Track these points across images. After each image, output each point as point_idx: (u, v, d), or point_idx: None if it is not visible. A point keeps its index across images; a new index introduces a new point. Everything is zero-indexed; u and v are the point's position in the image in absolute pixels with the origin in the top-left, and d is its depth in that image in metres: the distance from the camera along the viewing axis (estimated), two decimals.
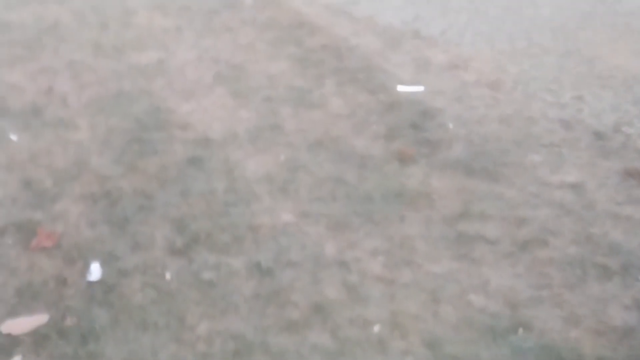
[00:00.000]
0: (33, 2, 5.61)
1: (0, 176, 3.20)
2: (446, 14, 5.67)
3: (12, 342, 2.27)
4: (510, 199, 3.16)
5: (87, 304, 2.45)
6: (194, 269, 2.65)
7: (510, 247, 2.84)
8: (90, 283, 2.55)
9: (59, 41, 4.87)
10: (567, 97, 4.17)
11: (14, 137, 3.54)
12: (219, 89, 4.23)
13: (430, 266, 2.72)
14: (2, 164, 3.30)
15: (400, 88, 4.26)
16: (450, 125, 3.82)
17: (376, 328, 2.40)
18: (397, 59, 4.72)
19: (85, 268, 2.63)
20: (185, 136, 3.64)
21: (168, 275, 2.61)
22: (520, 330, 2.40)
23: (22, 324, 2.33)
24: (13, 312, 2.40)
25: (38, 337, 2.30)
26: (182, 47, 4.87)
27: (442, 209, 3.09)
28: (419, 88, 4.28)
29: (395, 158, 3.47)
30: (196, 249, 2.76)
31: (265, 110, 3.94)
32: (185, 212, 3.00)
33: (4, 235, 2.79)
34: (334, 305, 2.48)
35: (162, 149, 3.51)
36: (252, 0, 5.90)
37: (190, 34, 5.12)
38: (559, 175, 3.36)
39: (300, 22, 5.36)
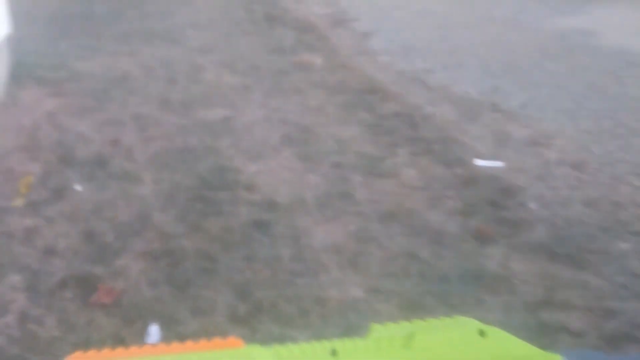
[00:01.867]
0: (104, 53, 5.91)
1: (63, 227, 3.30)
2: (526, 87, 5.70)
3: None
4: (597, 289, 3.08)
5: None
6: (256, 340, 2.64)
7: (596, 340, 2.75)
8: None
9: (127, 93, 5.09)
10: None
11: (78, 188, 3.67)
12: (287, 150, 4.31)
13: None
14: (65, 214, 3.41)
15: (479, 162, 4.26)
16: (532, 206, 3.78)
17: None
18: (474, 131, 4.74)
19: (144, 329, 2.66)
20: (250, 198, 3.71)
21: None
22: None
23: None
24: None
25: None
26: (250, 106, 5.02)
27: (523, 294, 3.03)
28: (498, 163, 4.27)
29: (472, 236, 3.44)
30: (259, 319, 2.77)
31: (334, 176, 3.99)
32: (249, 278, 3.02)
33: (64, 288, 2.86)
34: None
35: (226, 210, 3.57)
36: (323, 62, 6.07)
37: (258, 93, 5.28)
38: None
39: (372, 87, 5.47)
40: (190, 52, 6.18)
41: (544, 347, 2.27)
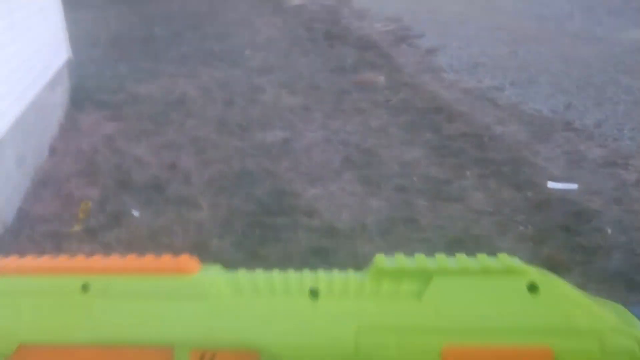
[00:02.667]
0: (162, 76, 6.07)
1: (120, 253, 3.37)
2: (601, 104, 5.55)
3: None
4: None
5: None
6: None
7: None
8: None
9: (184, 116, 5.19)
10: None
11: (136, 213, 3.75)
12: (348, 174, 4.31)
13: None
14: (123, 240, 3.49)
15: (551, 185, 4.16)
16: (609, 231, 3.66)
17: None
18: (546, 152, 4.64)
19: None
20: (310, 223, 3.71)
21: None
22: None
23: None
24: None
25: None
26: (309, 127, 5.05)
27: None
28: (572, 186, 4.16)
29: (545, 264, 3.33)
30: None
31: (397, 201, 3.96)
32: None
33: None
34: None
35: (285, 236, 3.58)
36: (386, 81, 6.07)
37: (318, 114, 5.31)
38: None
39: (437, 107, 5.43)
40: (248, 73, 6.27)
41: None
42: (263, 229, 3.64)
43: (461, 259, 0.59)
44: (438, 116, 5.21)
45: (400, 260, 0.61)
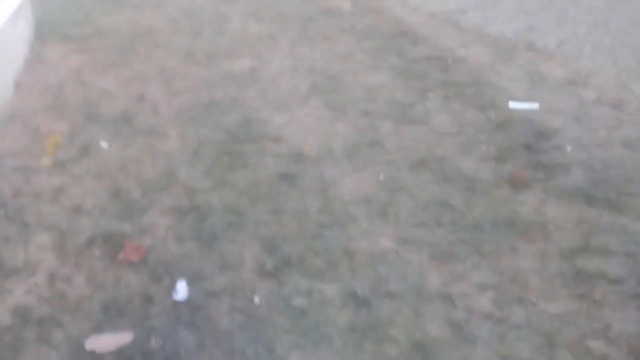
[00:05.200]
0: (128, 7, 5.84)
1: (90, 185, 3.29)
2: (563, 24, 5.46)
3: None
4: (636, 234, 2.97)
5: (172, 325, 2.46)
6: (284, 294, 2.62)
7: (635, 287, 2.66)
8: (177, 302, 2.57)
9: (151, 47, 5.02)
10: None
11: (104, 145, 3.65)
12: (315, 100, 4.22)
13: (546, 305, 2.58)
14: (92, 172, 3.40)
15: (513, 105, 4.11)
16: (568, 148, 3.65)
17: None
18: (509, 73, 4.58)
19: (172, 286, 2.65)
20: (277, 150, 3.64)
21: (257, 299, 2.59)
22: None
23: (106, 342, 2.37)
24: (98, 328, 2.44)
25: (122, 357, 2.32)
26: (276, 55, 4.92)
27: (559, 241, 2.94)
28: (534, 105, 4.12)
29: (506, 182, 3.34)
30: (287, 273, 2.74)
31: (363, 125, 3.90)
32: (276, 232, 2.98)
33: (91, 247, 2.86)
34: (437, 343, 2.39)
35: (253, 163, 3.52)
36: (351, 7, 5.90)
37: (285, 41, 5.16)
38: None
39: (402, 31, 5.31)
40: (214, 2, 6.06)
41: (581, 295, 2.19)
42: (231, 157, 3.58)
43: None
44: (403, 40, 5.10)
45: None
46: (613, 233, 2.98)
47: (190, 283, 2.67)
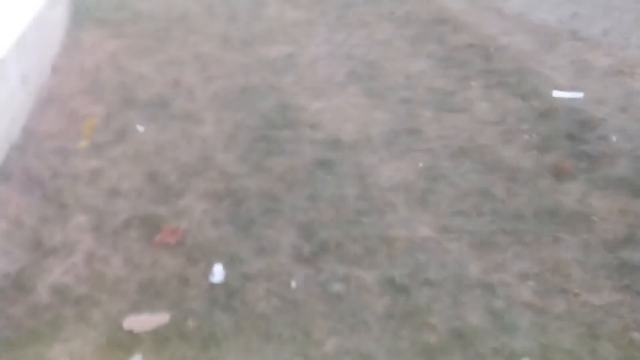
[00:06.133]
0: None
1: (126, 168, 3.36)
2: (609, 12, 5.39)
3: (133, 339, 2.37)
4: None
5: (209, 307, 2.50)
6: (321, 280, 2.65)
7: None
8: (213, 285, 2.61)
9: (187, 33, 5.09)
10: None
11: (140, 129, 3.71)
12: (352, 87, 4.24)
13: (588, 296, 2.56)
14: (129, 155, 3.47)
15: (557, 94, 4.08)
16: (614, 138, 3.61)
17: None
18: (552, 61, 4.54)
19: (208, 269, 2.70)
20: (314, 136, 3.67)
21: (294, 284, 2.62)
22: None
23: (144, 322, 2.42)
24: (135, 308, 2.50)
25: (159, 338, 2.37)
26: (313, 41, 4.94)
27: (603, 232, 2.91)
28: (578, 94, 4.08)
29: (549, 172, 3.32)
30: (324, 259, 2.76)
31: (402, 113, 3.90)
32: (313, 218, 3.01)
33: (128, 229, 2.92)
34: (477, 332, 2.39)
35: (289, 149, 3.55)
36: None
37: (322, 28, 5.19)
38: None
39: (443, 18, 5.29)
40: None
41: (625, 287, 2.18)
42: (267, 143, 3.61)
43: None
44: (443, 27, 5.09)
45: None
46: None
47: (227, 266, 2.71)
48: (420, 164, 3.40)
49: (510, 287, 2.60)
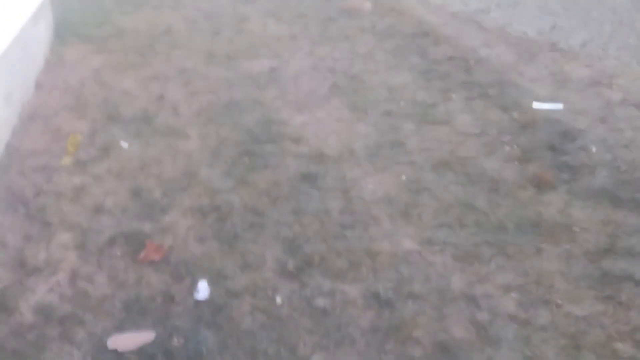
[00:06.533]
0: (147, 7, 5.90)
1: (111, 184, 3.33)
2: (587, 24, 5.44)
3: (118, 359, 2.34)
4: None
5: (194, 324, 2.48)
6: (306, 295, 2.63)
7: None
8: (198, 302, 2.59)
9: (171, 48, 5.07)
10: None
11: (124, 145, 3.69)
12: (335, 100, 4.24)
13: (571, 307, 2.57)
14: (113, 171, 3.44)
15: (537, 105, 4.11)
16: (594, 149, 3.63)
17: None
18: (532, 73, 4.57)
19: (193, 285, 2.68)
20: (298, 150, 3.66)
21: (279, 299, 2.61)
22: None
23: (128, 341, 2.40)
24: (120, 327, 2.47)
25: (144, 356, 2.35)
26: (296, 55, 4.94)
27: (585, 243, 2.93)
28: (558, 106, 4.11)
29: (531, 183, 3.33)
30: (309, 273, 2.75)
31: (385, 126, 3.91)
32: (297, 232, 3.00)
33: (113, 246, 2.90)
34: (461, 345, 2.39)
35: (273, 163, 3.54)
36: (372, 6, 5.92)
37: (305, 42, 5.19)
38: None
39: (424, 31, 5.31)
40: (233, 2, 6.11)
41: (607, 297, 2.18)
42: (252, 157, 3.60)
43: None
44: (424, 40, 5.11)
45: None
46: (639, 234, 2.96)
47: (212, 283, 2.69)
48: (403, 177, 3.40)
49: (493, 299, 2.60)
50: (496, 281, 2.70)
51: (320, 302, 2.60)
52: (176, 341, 2.41)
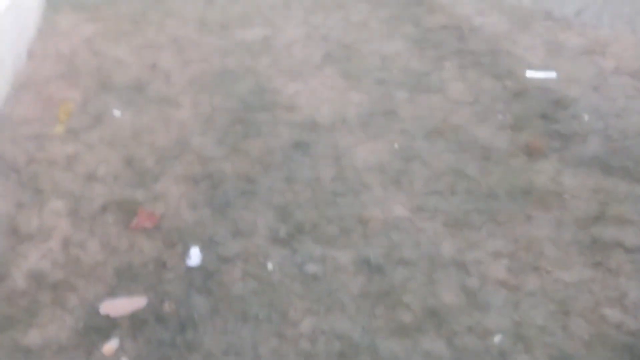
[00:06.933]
0: None
1: (103, 152, 3.31)
2: None
3: (110, 324, 2.34)
4: None
5: (186, 290, 2.48)
6: (297, 261, 2.63)
7: None
8: (190, 268, 2.59)
9: (164, 16, 5.00)
10: None
11: (117, 113, 3.65)
12: (328, 69, 4.19)
13: (560, 273, 2.57)
14: (105, 139, 3.41)
15: (530, 74, 4.07)
16: (586, 117, 3.61)
17: (497, 339, 2.29)
18: (526, 41, 4.52)
19: (185, 252, 2.67)
20: (291, 118, 3.63)
21: (270, 266, 2.61)
22: None
23: (120, 306, 2.40)
24: (112, 293, 2.47)
25: (136, 321, 2.35)
26: (290, 23, 4.88)
27: (575, 210, 2.92)
28: (551, 74, 4.07)
29: (522, 151, 3.31)
30: (300, 240, 2.74)
31: (378, 94, 3.87)
32: (289, 200, 2.99)
33: (105, 213, 2.88)
34: (451, 310, 2.39)
35: (266, 131, 3.51)
36: None
37: (298, 10, 5.12)
38: None
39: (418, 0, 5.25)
40: None
41: (597, 264, 2.17)
42: (245, 125, 3.57)
43: None
44: (418, 9, 5.04)
45: None
46: (629, 202, 2.95)
47: (204, 249, 2.68)
48: (396, 145, 3.38)
49: (483, 265, 2.60)
50: (486, 248, 2.69)
51: (311, 268, 2.60)
52: (168, 307, 2.41)
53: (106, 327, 2.33)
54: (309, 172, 3.17)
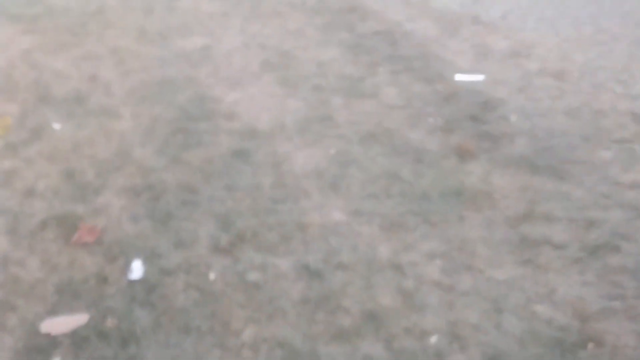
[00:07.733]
0: None
1: (42, 167, 3.18)
2: None
3: (51, 342, 2.24)
4: (579, 200, 2.99)
5: (128, 304, 2.40)
6: (239, 270, 2.58)
7: (578, 252, 2.68)
8: (132, 282, 2.51)
9: (103, 27, 4.86)
10: (638, 88, 3.95)
11: (57, 126, 3.52)
12: (267, 77, 4.14)
13: (492, 272, 2.58)
14: (45, 153, 3.28)
15: (459, 77, 4.10)
16: (513, 118, 3.65)
17: (433, 339, 2.28)
18: (455, 45, 4.56)
19: (127, 265, 2.58)
20: (230, 127, 3.57)
21: (212, 276, 2.54)
22: (591, 345, 2.26)
23: (61, 324, 2.30)
24: (53, 311, 2.37)
25: (77, 339, 2.26)
26: (228, 33, 4.81)
27: (505, 209, 2.94)
28: (479, 77, 4.11)
29: (453, 153, 3.33)
30: (242, 248, 2.69)
31: (314, 100, 3.84)
32: (230, 208, 2.93)
33: (45, 229, 2.77)
34: (388, 312, 2.38)
35: (206, 140, 3.44)
36: None
37: (236, 19, 5.05)
38: (631, 174, 3.16)
39: (351, 7, 5.24)
40: None
41: (527, 261, 2.17)
42: (185, 135, 3.49)
43: None
44: (352, 16, 5.03)
45: None
46: (556, 200, 3.00)
47: (145, 262, 2.60)
48: (332, 150, 3.35)
49: (419, 266, 2.60)
50: (421, 249, 2.69)
51: (253, 276, 2.54)
52: (110, 322, 2.32)
53: (47, 346, 2.23)
54: (249, 180, 3.12)
